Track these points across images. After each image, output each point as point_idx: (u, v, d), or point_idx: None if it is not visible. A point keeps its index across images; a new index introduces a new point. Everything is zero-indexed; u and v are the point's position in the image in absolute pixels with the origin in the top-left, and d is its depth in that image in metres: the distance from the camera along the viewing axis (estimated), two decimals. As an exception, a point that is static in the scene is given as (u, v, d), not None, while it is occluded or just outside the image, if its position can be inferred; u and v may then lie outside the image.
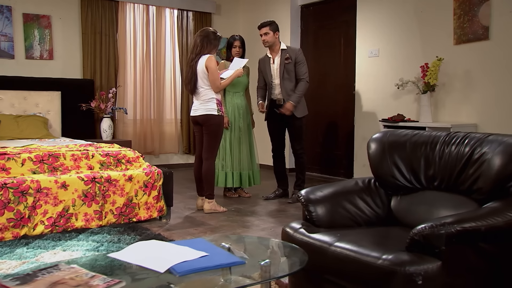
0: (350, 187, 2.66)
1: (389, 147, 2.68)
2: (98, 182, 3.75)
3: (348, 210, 2.54)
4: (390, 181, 2.65)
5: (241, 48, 5.26)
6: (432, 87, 5.03)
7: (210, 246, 1.88)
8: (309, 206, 2.45)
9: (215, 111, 4.41)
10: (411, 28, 5.44)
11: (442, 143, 2.50)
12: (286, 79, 5.03)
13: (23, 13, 6.16)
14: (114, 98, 6.30)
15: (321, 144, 6.81)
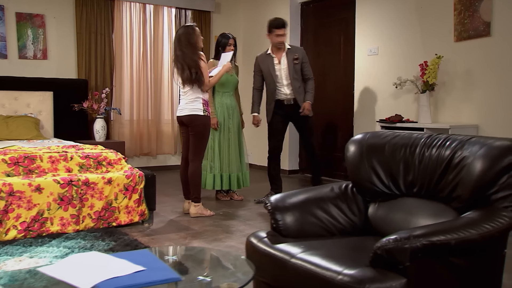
0: (325, 194, 2.48)
1: (368, 150, 2.49)
2: (75, 185, 3.62)
3: (320, 219, 2.36)
4: (368, 187, 2.46)
5: (235, 47, 5.08)
6: (431, 86, 4.81)
7: (152, 260, 1.72)
8: (275, 214, 2.28)
9: (201, 111, 4.26)
10: (411, 25, 5.22)
11: (423, 146, 2.31)
12: (294, 79, 4.91)
13: (16, 12, 6.07)
14: (107, 99, 6.17)
15: (320, 145, 6.60)
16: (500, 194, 1.99)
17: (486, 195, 1.99)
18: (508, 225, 1.86)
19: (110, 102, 6.60)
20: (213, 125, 4.88)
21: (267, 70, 4.99)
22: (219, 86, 4.97)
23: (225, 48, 5.00)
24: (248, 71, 7.69)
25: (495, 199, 1.99)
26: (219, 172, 4.99)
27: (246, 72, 7.72)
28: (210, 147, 4.98)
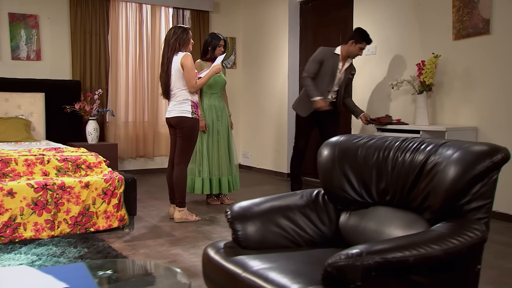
0: (293, 202, 2.31)
1: (340, 155, 2.32)
2: (50, 189, 3.50)
3: (285, 229, 2.20)
4: (340, 195, 2.29)
5: (224, 48, 4.93)
6: (428, 86, 4.60)
7: (81, 275, 1.58)
8: (235, 224, 2.12)
9: (189, 113, 4.12)
10: (409, 23, 5.02)
11: (396, 150, 2.13)
12: (341, 88, 5.01)
13: (9, 13, 6.01)
14: (100, 100, 6.07)
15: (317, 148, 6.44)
16: (474, 205, 1.80)
17: (458, 206, 1.81)
18: (478, 239, 1.68)
19: (105, 104, 6.51)
20: (201, 128, 4.74)
21: (330, 68, 4.87)
22: (207, 87, 4.82)
23: (215, 50, 4.84)
24: (248, 70, 7.57)
25: (468, 209, 1.81)
26: (208, 176, 4.83)
27: (247, 71, 7.60)
28: (198, 151, 4.84)
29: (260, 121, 7.30)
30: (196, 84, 4.11)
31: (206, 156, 4.84)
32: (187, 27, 4.20)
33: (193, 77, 4.09)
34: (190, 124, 4.13)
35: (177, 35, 4.12)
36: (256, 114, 7.39)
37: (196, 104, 4.19)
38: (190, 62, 4.07)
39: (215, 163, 4.86)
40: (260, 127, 7.31)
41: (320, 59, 4.87)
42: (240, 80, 7.74)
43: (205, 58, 4.81)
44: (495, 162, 1.76)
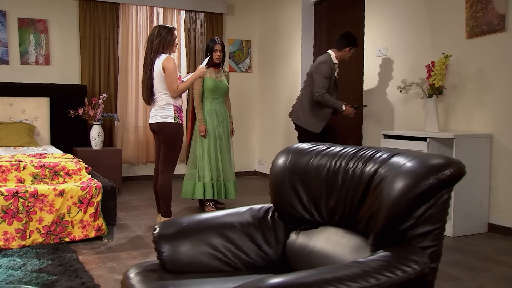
0: (236, 219, 2.05)
1: (291, 166, 2.04)
2: (21, 197, 3.37)
3: (221, 250, 1.93)
4: (289, 212, 2.01)
5: (222, 52, 4.79)
6: (438, 90, 4.22)
7: None
8: (160, 244, 1.88)
9: (172, 118, 3.93)
10: (420, 21, 4.64)
11: (349, 161, 1.84)
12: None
13: (18, 18, 6.02)
14: (104, 105, 5.96)
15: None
16: (420, 230, 1.49)
17: (400, 231, 1.50)
18: (414, 275, 1.37)
19: (114, 108, 6.42)
20: (202, 133, 4.68)
21: (332, 78, 4.72)
22: (208, 92, 4.75)
23: (212, 53, 4.75)
24: (263, 74, 7.32)
25: (412, 236, 1.50)
26: (210, 181, 4.71)
27: (262, 74, 7.34)
28: (198, 157, 4.72)
29: (276, 126, 7.02)
30: (178, 88, 3.90)
31: (207, 161, 4.72)
32: (172, 27, 4.00)
33: (175, 81, 3.89)
34: (173, 130, 3.93)
35: (161, 36, 3.93)
36: (272, 120, 7.12)
37: (180, 108, 4.00)
38: (172, 65, 3.87)
39: (217, 168, 4.74)
40: (276, 133, 7.03)
41: (330, 73, 4.65)
42: (255, 84, 7.51)
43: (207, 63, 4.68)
44: (441, 179, 1.45)
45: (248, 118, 7.45)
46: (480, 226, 3.98)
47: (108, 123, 6.34)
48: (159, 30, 3.94)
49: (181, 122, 3.99)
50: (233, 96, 6.25)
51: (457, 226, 3.87)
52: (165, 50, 3.95)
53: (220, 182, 4.75)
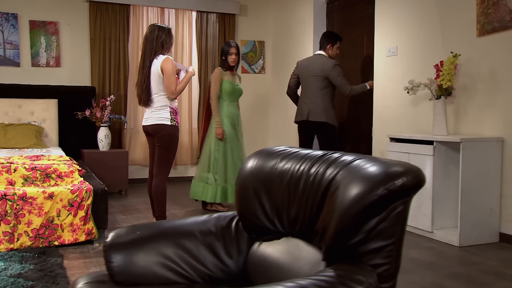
0: (197, 227, 1.92)
1: (255, 172, 1.90)
2: (10, 199, 3.34)
3: (176, 261, 1.81)
4: (252, 221, 1.87)
5: (237, 55, 4.80)
6: (447, 91, 4.00)
7: None
8: (109, 253, 1.77)
9: (168, 120, 3.84)
10: (431, 19, 4.43)
11: (311, 166, 1.69)
12: None
13: (29, 20, 6.06)
14: (112, 106, 5.94)
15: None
16: (371, 246, 1.34)
17: (351, 246, 1.35)
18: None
19: (124, 110, 6.39)
20: (220, 136, 4.67)
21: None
22: (226, 95, 4.76)
23: (227, 56, 4.77)
24: (276, 75, 7.17)
25: (364, 252, 1.35)
26: (224, 185, 4.70)
27: (275, 76, 7.20)
28: (214, 158, 4.73)
29: (290, 128, 6.85)
30: (176, 89, 3.82)
31: (222, 163, 4.71)
32: (170, 28, 3.92)
33: (173, 82, 3.80)
34: (169, 132, 3.85)
35: (161, 38, 3.85)
36: (285, 121, 6.95)
37: (176, 110, 3.91)
38: (170, 66, 3.80)
39: (233, 171, 4.71)
40: (290, 135, 6.87)
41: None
42: (268, 86, 7.38)
43: (224, 66, 4.77)
44: (390, 190, 1.29)
45: (261, 120, 7.33)
46: (490, 236, 3.74)
47: (118, 124, 6.31)
48: (158, 32, 3.85)
49: (176, 125, 3.90)
50: (246, 98, 6.16)
51: (464, 235, 3.64)
52: (164, 51, 3.87)
53: (232, 186, 4.71)
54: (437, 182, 3.86)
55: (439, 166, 3.87)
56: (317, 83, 4.83)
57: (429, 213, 3.86)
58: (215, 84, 4.71)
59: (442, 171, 3.88)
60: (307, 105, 4.89)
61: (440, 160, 3.86)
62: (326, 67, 4.77)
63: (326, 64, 4.79)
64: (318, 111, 4.81)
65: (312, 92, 4.87)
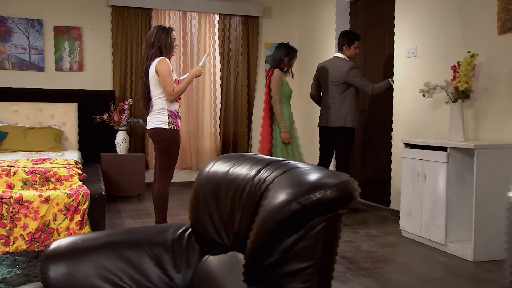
0: (146, 238, 1.81)
1: (209, 178, 1.77)
2: (6, 203, 3.35)
3: (118, 274, 1.70)
4: (202, 233, 1.75)
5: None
6: (464, 93, 3.72)
7: None
8: (47, 264, 1.68)
9: (165, 124, 3.76)
10: (451, 17, 4.15)
11: (255, 174, 1.55)
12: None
13: (54, 26, 6.17)
14: (129, 110, 5.95)
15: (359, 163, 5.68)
16: (289, 267, 1.18)
17: (267, 267, 1.20)
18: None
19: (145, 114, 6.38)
20: (287, 140, 4.57)
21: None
22: (286, 98, 4.70)
23: (292, 60, 4.75)
24: (302, 78, 6.99)
25: (282, 274, 1.19)
26: None
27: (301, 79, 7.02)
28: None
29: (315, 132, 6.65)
30: (173, 91, 3.73)
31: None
32: (169, 28, 3.84)
33: (170, 83, 3.72)
34: (167, 136, 3.76)
35: (160, 41, 3.78)
36: (311, 125, 6.77)
37: (175, 113, 3.81)
38: (166, 67, 3.71)
39: None
40: (315, 139, 6.67)
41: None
42: (294, 90, 7.16)
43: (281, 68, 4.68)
44: (304, 204, 1.13)
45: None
46: (510, 251, 3.43)
47: (139, 128, 6.32)
48: (157, 33, 3.79)
49: (176, 128, 3.81)
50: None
51: (480, 250, 3.36)
52: (166, 54, 3.80)
53: None
54: (452, 191, 3.59)
55: (454, 174, 3.60)
56: (336, 88, 4.70)
57: (443, 224, 3.60)
58: (278, 87, 4.59)
59: (457, 180, 3.60)
60: (326, 111, 4.78)
61: (455, 168, 3.59)
62: (343, 71, 4.63)
63: (342, 68, 4.64)
64: (336, 117, 4.67)
65: (331, 97, 4.73)
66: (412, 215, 3.94)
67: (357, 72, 4.62)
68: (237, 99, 6.90)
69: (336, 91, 4.70)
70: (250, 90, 6.96)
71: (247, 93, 6.93)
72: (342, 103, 4.67)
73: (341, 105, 4.67)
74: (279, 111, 4.59)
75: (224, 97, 6.82)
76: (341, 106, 4.67)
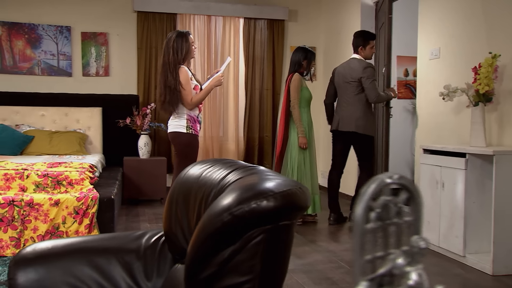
0: (117, 245, 1.78)
1: (180, 187, 1.73)
2: (17, 205, 3.41)
3: (86, 281, 1.67)
4: (173, 241, 1.70)
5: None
6: (485, 96, 3.53)
7: None
8: (15, 270, 1.67)
9: (184, 128, 3.76)
10: (475, 16, 3.95)
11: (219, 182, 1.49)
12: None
13: (81, 32, 6.30)
14: (151, 115, 5.99)
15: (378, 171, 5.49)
16: (226, 282, 1.12)
17: (203, 280, 1.13)
18: None
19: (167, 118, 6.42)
20: (304, 145, 4.50)
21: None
22: (305, 102, 4.65)
23: (310, 64, 4.71)
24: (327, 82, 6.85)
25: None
26: (312, 195, 4.56)
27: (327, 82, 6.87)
28: (298, 169, 4.53)
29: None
30: (191, 101, 3.73)
31: (309, 173, 4.59)
32: (186, 32, 3.84)
33: (189, 93, 3.73)
34: (184, 141, 3.76)
35: (179, 47, 3.77)
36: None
37: (194, 118, 3.80)
38: (185, 77, 3.72)
39: (315, 181, 4.66)
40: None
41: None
42: (320, 93, 7.03)
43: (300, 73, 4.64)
44: (236, 215, 1.06)
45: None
46: (533, 264, 3.22)
47: (163, 132, 6.35)
48: (176, 40, 3.78)
49: (194, 133, 3.80)
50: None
51: (499, 263, 3.16)
52: (184, 60, 3.80)
53: (318, 195, 4.66)
54: (471, 200, 3.40)
55: (473, 182, 3.41)
56: (351, 89, 4.56)
57: (461, 234, 3.41)
58: (297, 91, 4.53)
59: (477, 187, 3.41)
60: (338, 114, 4.65)
61: (474, 175, 3.41)
62: (358, 70, 4.49)
63: (357, 66, 4.51)
64: (349, 120, 4.52)
65: (346, 99, 4.60)
66: (430, 224, 3.76)
67: (370, 72, 4.46)
68: (262, 104, 6.84)
69: (352, 92, 4.54)
70: (275, 94, 6.89)
71: (272, 97, 6.86)
72: (357, 106, 4.50)
73: (356, 108, 4.50)
74: (298, 115, 4.51)
75: (249, 101, 6.78)
76: (356, 109, 4.51)
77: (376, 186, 0.61)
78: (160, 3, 6.35)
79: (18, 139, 5.35)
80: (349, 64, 4.62)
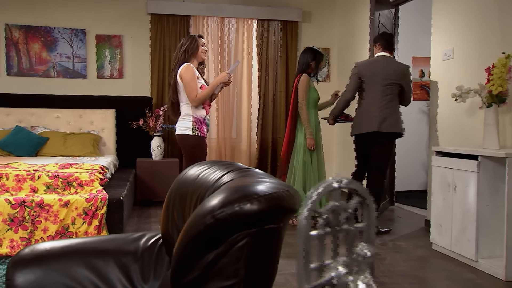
0: (116, 247, 1.78)
1: (177, 188, 1.73)
2: (28, 206, 3.45)
3: (83, 283, 1.68)
4: (170, 243, 1.69)
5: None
6: (499, 97, 3.45)
7: None
8: (12, 271, 1.68)
9: (190, 130, 3.75)
10: (489, 15, 3.88)
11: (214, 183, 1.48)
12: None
13: (96, 35, 6.37)
14: (164, 116, 6.01)
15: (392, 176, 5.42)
16: (211, 285, 1.10)
17: (187, 284, 1.12)
18: None
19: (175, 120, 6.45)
20: (312, 146, 4.48)
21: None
22: (313, 103, 4.64)
23: (319, 64, 4.70)
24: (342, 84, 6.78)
25: (205, 293, 1.10)
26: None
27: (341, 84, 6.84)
28: (306, 170, 4.50)
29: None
30: (196, 97, 3.71)
31: (316, 175, 4.56)
32: (195, 35, 3.85)
33: (194, 89, 3.70)
34: (191, 143, 3.75)
35: (185, 46, 3.80)
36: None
37: (200, 120, 3.79)
38: (190, 73, 3.70)
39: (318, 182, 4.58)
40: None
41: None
42: (334, 94, 7.02)
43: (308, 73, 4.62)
44: (218, 218, 1.04)
45: (325, 131, 6.98)
46: (548, 270, 3.13)
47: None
48: (183, 41, 3.83)
49: (200, 135, 3.78)
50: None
51: (512, 268, 3.09)
52: (190, 58, 3.81)
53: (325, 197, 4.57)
54: (483, 203, 3.33)
55: (486, 185, 3.33)
56: (391, 90, 4.23)
57: (473, 238, 3.34)
58: (305, 92, 4.51)
59: (489, 190, 3.34)
60: (378, 114, 4.22)
61: (486, 178, 3.33)
62: (402, 71, 4.25)
63: (401, 67, 4.28)
64: (392, 121, 4.21)
65: (384, 99, 4.24)
66: (443, 227, 3.69)
67: (411, 77, 4.39)
68: (275, 105, 6.82)
69: (391, 93, 4.24)
70: (288, 95, 6.85)
71: (285, 98, 6.83)
72: (396, 107, 4.27)
73: (395, 108, 4.26)
74: (306, 116, 4.48)
75: (262, 102, 6.76)
76: (395, 110, 4.26)
77: (322, 191, 0.59)
78: (173, 5, 6.38)
79: (33, 140, 5.42)
80: (386, 63, 4.29)
